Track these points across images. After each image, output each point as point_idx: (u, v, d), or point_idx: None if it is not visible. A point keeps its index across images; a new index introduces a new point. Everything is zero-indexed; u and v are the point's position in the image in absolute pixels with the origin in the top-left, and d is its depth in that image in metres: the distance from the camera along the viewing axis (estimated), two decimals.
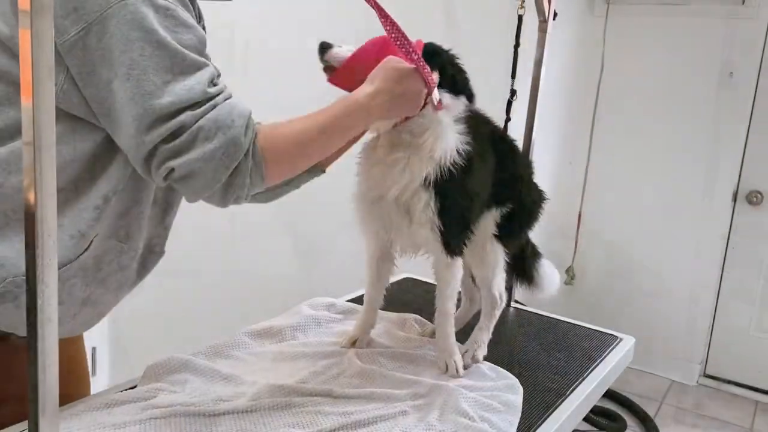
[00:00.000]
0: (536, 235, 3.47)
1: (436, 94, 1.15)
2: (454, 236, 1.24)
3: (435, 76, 1.15)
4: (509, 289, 1.87)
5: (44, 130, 0.76)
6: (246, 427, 1.07)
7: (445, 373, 1.30)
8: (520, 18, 1.62)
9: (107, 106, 0.92)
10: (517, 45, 1.65)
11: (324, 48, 1.17)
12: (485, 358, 1.41)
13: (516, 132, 1.82)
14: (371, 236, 1.33)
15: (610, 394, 3.23)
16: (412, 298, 1.78)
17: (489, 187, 1.32)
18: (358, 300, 1.47)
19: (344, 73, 1.16)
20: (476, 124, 1.26)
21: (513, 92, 1.67)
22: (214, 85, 0.97)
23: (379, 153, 1.22)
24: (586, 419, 2.93)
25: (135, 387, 1.19)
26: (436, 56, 1.20)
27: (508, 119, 1.68)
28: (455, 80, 1.23)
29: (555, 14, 1.71)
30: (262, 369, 1.28)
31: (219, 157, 0.93)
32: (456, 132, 1.20)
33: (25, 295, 0.89)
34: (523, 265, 1.52)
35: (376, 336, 1.46)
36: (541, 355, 1.52)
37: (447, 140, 1.18)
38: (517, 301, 1.91)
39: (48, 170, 0.77)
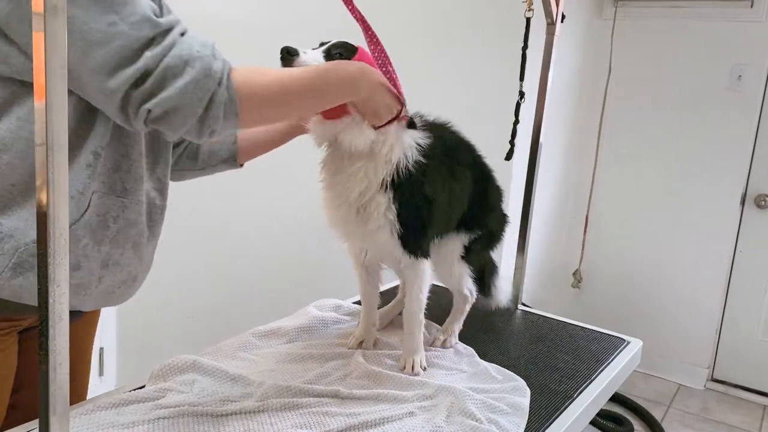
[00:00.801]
0: (543, 238, 3.45)
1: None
2: (411, 236, 1.26)
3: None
4: (516, 293, 1.88)
5: (57, 131, 0.77)
6: (253, 428, 1.08)
7: (402, 371, 1.30)
8: (528, 20, 1.62)
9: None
10: (525, 47, 1.65)
11: (291, 54, 1.11)
12: (493, 361, 1.42)
13: (523, 135, 1.82)
14: (346, 241, 1.36)
15: (617, 398, 3.22)
16: None
17: (456, 198, 1.35)
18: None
19: None
20: (437, 130, 1.31)
21: (522, 94, 1.67)
22: (158, 17, 0.93)
23: (340, 163, 1.23)
24: (593, 423, 2.92)
25: (143, 387, 1.20)
26: None
27: (516, 122, 1.68)
28: None
29: (563, 17, 1.71)
30: (270, 370, 1.29)
31: (192, 90, 0.91)
32: (411, 134, 1.24)
33: None
34: (482, 282, 1.59)
35: (382, 337, 1.46)
36: (548, 357, 1.51)
37: (403, 142, 1.22)
38: (524, 304, 1.91)
39: (60, 170, 0.78)
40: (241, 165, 1.38)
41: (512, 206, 2.81)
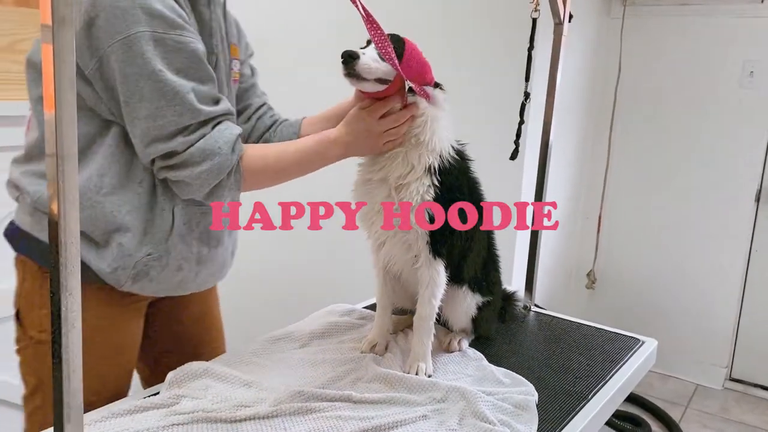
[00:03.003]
0: (556, 239, 3.44)
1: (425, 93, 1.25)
2: (439, 232, 1.28)
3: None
4: (529, 292, 1.87)
5: (67, 141, 0.78)
6: None
7: (407, 373, 1.30)
8: (534, 21, 1.61)
9: (124, 118, 1.15)
10: (531, 48, 1.65)
11: (353, 58, 1.15)
12: (506, 362, 1.42)
13: (534, 136, 1.82)
14: (369, 234, 1.36)
15: (634, 399, 3.19)
16: None
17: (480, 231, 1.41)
18: (375, 307, 1.47)
19: (394, 87, 1.21)
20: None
21: (527, 95, 1.66)
22: (210, 103, 1.15)
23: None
24: (610, 424, 2.89)
25: (158, 393, 1.21)
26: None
27: (521, 122, 1.67)
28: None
29: (570, 16, 1.70)
30: (282, 375, 1.29)
31: (204, 178, 1.15)
32: (451, 125, 1.30)
33: (155, 270, 1.23)
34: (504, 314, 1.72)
35: (394, 341, 1.46)
36: (562, 358, 1.51)
37: (443, 132, 1.28)
38: (537, 305, 1.90)
39: (71, 180, 0.78)
40: None
41: None
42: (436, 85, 1.30)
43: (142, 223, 1.20)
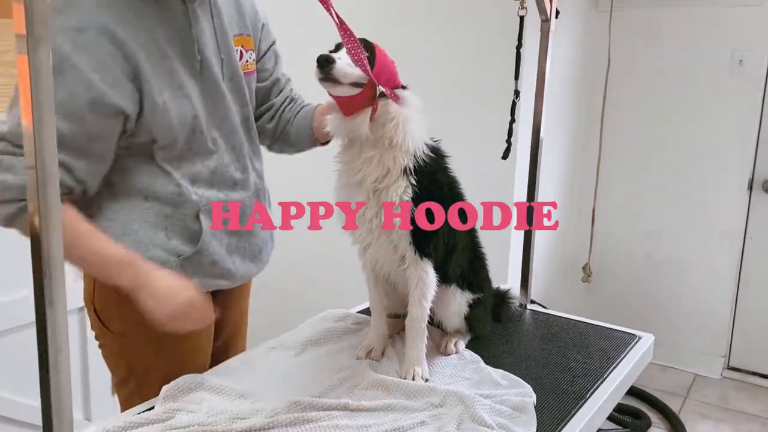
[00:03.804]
0: (550, 234, 3.42)
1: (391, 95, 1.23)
2: (421, 231, 1.28)
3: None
4: (524, 290, 1.86)
5: (47, 155, 0.76)
6: None
7: (404, 378, 1.29)
8: (521, 19, 1.60)
9: None
10: (519, 46, 1.63)
11: (328, 62, 1.14)
12: (503, 362, 1.41)
13: (523, 132, 1.81)
14: (355, 236, 1.35)
15: (633, 391, 3.18)
16: None
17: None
18: (369, 312, 1.46)
19: (366, 92, 1.20)
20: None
21: (517, 93, 1.65)
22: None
23: (357, 151, 1.27)
24: (610, 418, 2.89)
25: (152, 408, 1.19)
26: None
27: (512, 120, 1.66)
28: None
29: (557, 13, 1.69)
30: (278, 384, 1.28)
31: None
32: (423, 124, 1.28)
33: (178, 266, 1.26)
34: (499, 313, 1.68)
35: (390, 345, 1.45)
36: (558, 357, 1.50)
37: (415, 132, 1.26)
38: (533, 301, 1.89)
39: (52, 192, 0.76)
40: (326, 143, 1.50)
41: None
42: (402, 87, 1.29)
43: (169, 226, 1.26)
